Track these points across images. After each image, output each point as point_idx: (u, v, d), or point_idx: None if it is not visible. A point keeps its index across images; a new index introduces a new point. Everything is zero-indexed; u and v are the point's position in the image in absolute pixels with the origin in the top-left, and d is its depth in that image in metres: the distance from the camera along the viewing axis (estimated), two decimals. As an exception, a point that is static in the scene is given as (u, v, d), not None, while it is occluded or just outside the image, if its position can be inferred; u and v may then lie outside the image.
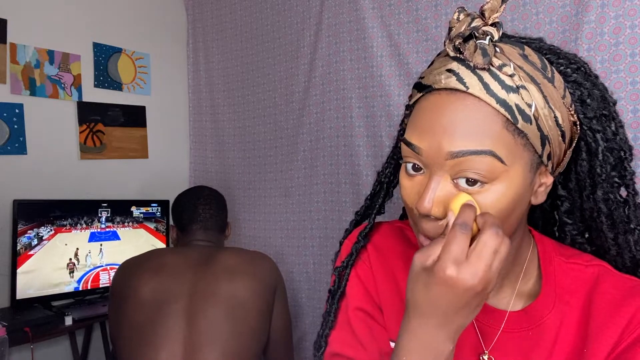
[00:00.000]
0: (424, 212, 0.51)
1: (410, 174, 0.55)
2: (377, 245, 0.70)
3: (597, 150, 0.58)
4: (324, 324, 0.69)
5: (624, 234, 0.61)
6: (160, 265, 1.20)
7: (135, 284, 1.16)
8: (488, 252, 0.46)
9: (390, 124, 1.54)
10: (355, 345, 0.65)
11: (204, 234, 1.35)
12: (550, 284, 0.60)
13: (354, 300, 0.68)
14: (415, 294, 0.49)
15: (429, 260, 0.48)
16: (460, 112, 0.50)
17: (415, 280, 0.49)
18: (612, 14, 1.10)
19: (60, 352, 1.83)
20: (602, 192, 0.59)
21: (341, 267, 0.70)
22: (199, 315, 1.13)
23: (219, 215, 1.39)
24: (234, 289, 1.17)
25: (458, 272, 0.46)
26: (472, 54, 0.49)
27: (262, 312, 1.21)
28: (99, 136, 1.97)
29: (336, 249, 0.75)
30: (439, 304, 0.48)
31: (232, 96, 2.05)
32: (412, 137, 0.53)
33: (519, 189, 0.51)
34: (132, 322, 1.13)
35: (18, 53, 1.74)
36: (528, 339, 0.59)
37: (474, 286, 0.46)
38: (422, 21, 1.45)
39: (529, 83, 0.50)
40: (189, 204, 1.36)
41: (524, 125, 0.50)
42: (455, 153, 0.49)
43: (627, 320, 0.55)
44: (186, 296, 1.15)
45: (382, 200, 0.72)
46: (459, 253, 0.46)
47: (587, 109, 0.57)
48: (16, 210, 1.64)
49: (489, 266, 0.46)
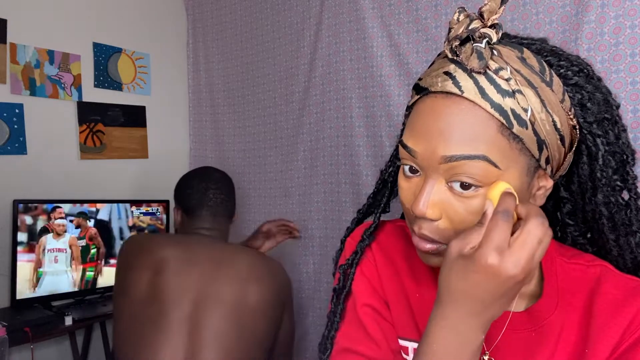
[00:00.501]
0: (419, 214, 0.52)
1: (408, 175, 0.55)
2: (382, 244, 0.70)
3: (597, 154, 0.58)
4: (329, 325, 0.68)
5: (625, 236, 0.61)
6: (165, 261, 1.12)
7: (136, 277, 1.10)
8: (533, 241, 0.46)
9: (390, 124, 1.54)
10: (367, 341, 0.65)
11: (213, 221, 1.27)
12: (552, 284, 0.60)
13: (361, 297, 0.67)
14: (451, 281, 0.48)
15: (466, 248, 0.47)
16: (455, 116, 0.50)
17: (451, 267, 0.48)
18: (612, 14, 1.10)
19: (60, 352, 1.83)
20: (603, 196, 0.59)
21: (346, 265, 0.69)
22: (204, 322, 1.08)
23: (229, 200, 1.32)
24: (245, 297, 1.12)
25: (501, 260, 0.45)
26: (468, 57, 0.49)
27: (270, 323, 1.17)
28: (99, 136, 1.97)
29: (336, 248, 0.75)
30: (476, 292, 0.47)
31: (232, 96, 2.05)
32: (408, 140, 0.54)
33: (514, 192, 0.51)
34: (131, 318, 1.09)
35: (18, 53, 1.74)
36: (530, 340, 0.59)
37: (515, 275, 0.45)
38: (422, 21, 1.45)
39: (526, 87, 0.50)
40: (198, 187, 1.28)
41: (520, 130, 0.50)
42: (448, 157, 0.49)
43: (629, 320, 0.55)
44: (191, 299, 1.09)
45: (387, 199, 0.72)
46: (501, 241, 0.45)
47: (587, 113, 0.56)
48: (16, 210, 1.64)
49: (532, 255, 0.46)
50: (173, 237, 1.23)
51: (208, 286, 1.11)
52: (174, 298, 1.09)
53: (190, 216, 1.28)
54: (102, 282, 1.83)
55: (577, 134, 0.56)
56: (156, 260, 1.12)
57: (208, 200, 1.27)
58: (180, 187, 1.33)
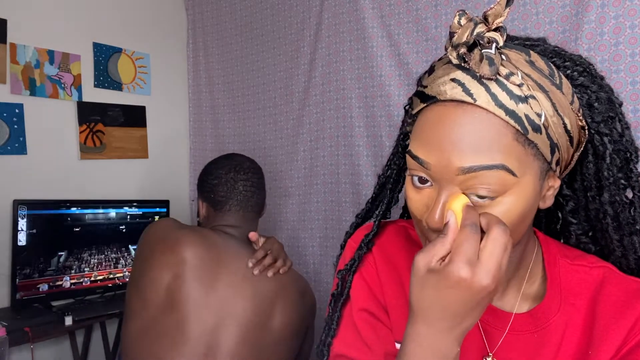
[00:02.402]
0: (435, 227, 0.50)
1: (417, 186, 0.53)
2: (383, 247, 0.69)
3: (604, 153, 0.57)
4: (326, 330, 0.68)
5: (629, 235, 0.61)
6: (187, 264, 1.00)
7: (154, 277, 0.98)
8: (499, 249, 0.46)
9: (390, 124, 1.54)
10: (360, 346, 0.64)
11: (241, 217, 1.15)
12: (555, 286, 0.60)
13: (358, 301, 0.67)
14: (424, 298, 0.48)
15: (433, 261, 0.47)
16: (468, 124, 0.48)
17: (422, 283, 0.48)
18: (612, 14, 1.10)
19: (60, 352, 1.83)
20: (609, 195, 0.59)
21: (344, 270, 0.69)
22: (222, 343, 0.98)
23: (260, 193, 1.19)
24: (270, 318, 1.02)
25: (473, 272, 0.45)
26: (478, 64, 0.47)
27: (290, 352, 1.08)
28: (99, 136, 1.97)
29: (336, 248, 0.75)
30: (450, 307, 0.46)
31: (232, 96, 2.05)
32: (418, 151, 0.52)
33: (529, 198, 0.51)
34: (146, 322, 0.99)
35: (18, 53, 1.74)
36: (533, 341, 0.59)
37: (488, 285, 0.45)
38: (422, 21, 1.45)
39: (538, 91, 0.49)
40: (227, 177, 1.14)
41: (534, 135, 0.49)
42: (466, 169, 0.48)
43: (633, 322, 0.55)
44: (213, 316, 0.99)
45: (387, 206, 0.71)
46: (471, 254, 0.45)
47: (595, 112, 0.56)
48: (16, 210, 1.64)
49: (500, 264, 0.46)
50: (199, 233, 1.07)
51: (231, 302, 1.01)
52: (195, 313, 0.98)
53: (216, 211, 1.15)
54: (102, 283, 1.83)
55: (585, 134, 0.56)
56: (177, 261, 1.00)
57: (237, 193, 1.14)
58: (205, 176, 1.18)
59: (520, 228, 0.53)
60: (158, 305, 0.98)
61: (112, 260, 1.88)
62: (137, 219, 1.95)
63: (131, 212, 1.93)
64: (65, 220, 1.75)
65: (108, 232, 1.86)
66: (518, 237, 0.54)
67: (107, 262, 1.86)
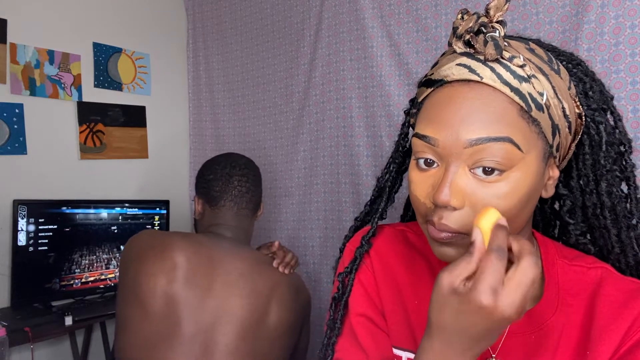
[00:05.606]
0: (443, 202, 0.50)
1: (423, 168, 0.54)
2: (380, 251, 0.69)
3: (600, 142, 0.59)
4: (328, 332, 0.68)
5: (627, 229, 0.62)
6: (180, 268, 1.00)
7: (152, 285, 0.98)
8: (527, 282, 0.44)
9: (390, 124, 1.54)
10: (357, 352, 0.64)
11: (235, 215, 1.16)
12: (553, 286, 0.60)
13: (355, 307, 0.67)
14: (444, 318, 0.47)
15: (457, 281, 0.46)
16: (476, 100, 0.51)
17: (444, 303, 0.47)
18: (612, 14, 1.10)
19: (60, 352, 1.83)
20: (606, 184, 0.60)
21: (344, 273, 0.69)
22: (219, 340, 0.98)
23: (256, 190, 1.20)
24: (265, 316, 1.03)
25: (496, 301, 0.43)
26: (483, 47, 0.50)
27: (285, 349, 1.08)
28: (99, 136, 1.97)
29: (336, 249, 0.75)
30: (468, 331, 0.46)
31: (232, 96, 2.05)
32: (426, 130, 0.53)
33: (534, 177, 0.52)
34: (142, 331, 0.98)
35: (18, 53, 1.74)
36: (531, 342, 0.59)
37: (510, 316, 0.44)
38: (422, 21, 1.45)
39: (539, 73, 0.52)
40: (222, 173, 1.16)
41: (537, 113, 0.51)
42: (474, 141, 0.50)
43: (630, 322, 0.55)
44: (208, 314, 0.99)
45: (385, 205, 0.71)
46: (496, 281, 0.44)
47: (590, 100, 0.59)
48: (16, 210, 1.64)
49: (526, 296, 0.44)
50: (190, 238, 1.08)
51: (228, 301, 1.01)
52: (192, 314, 0.99)
53: (212, 207, 1.17)
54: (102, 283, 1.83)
55: (582, 123, 0.58)
56: (170, 266, 1.00)
57: (232, 189, 1.15)
58: (202, 172, 1.21)
59: (524, 212, 0.53)
60: (156, 312, 0.98)
61: (113, 260, 1.88)
62: (139, 219, 1.95)
63: (131, 212, 1.93)
64: (64, 220, 1.75)
65: (108, 232, 1.86)
66: (521, 223, 0.55)
67: (98, 263, 1.86)
